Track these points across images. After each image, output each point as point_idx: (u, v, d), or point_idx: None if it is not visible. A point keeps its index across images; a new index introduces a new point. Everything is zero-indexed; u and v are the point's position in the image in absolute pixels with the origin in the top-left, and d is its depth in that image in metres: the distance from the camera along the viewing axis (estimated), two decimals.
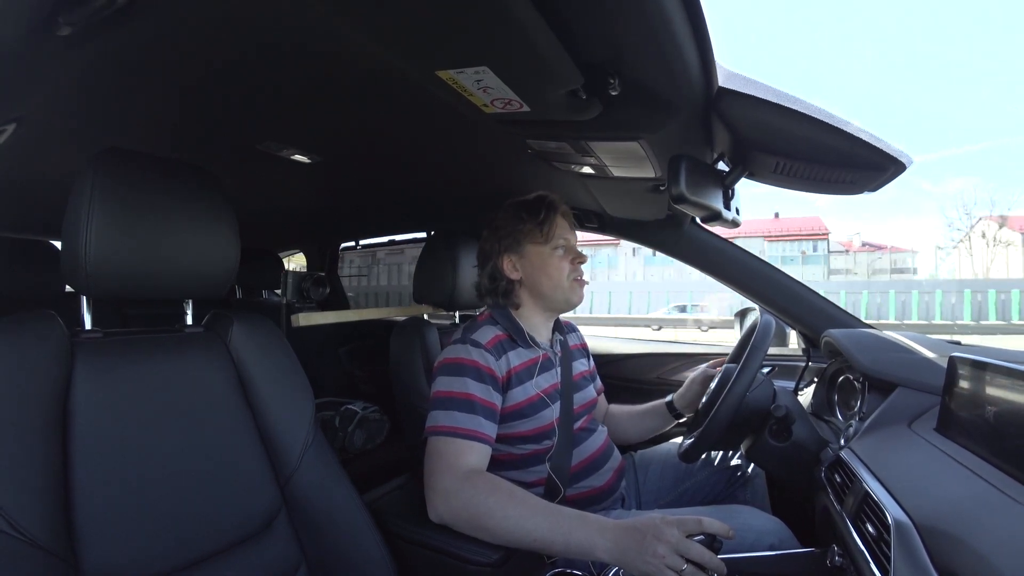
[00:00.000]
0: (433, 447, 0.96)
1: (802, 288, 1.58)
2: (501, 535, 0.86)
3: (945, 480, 0.70)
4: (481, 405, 1.00)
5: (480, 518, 0.86)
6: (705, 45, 0.68)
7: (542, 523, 0.83)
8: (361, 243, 2.70)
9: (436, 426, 0.98)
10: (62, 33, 0.61)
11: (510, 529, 0.85)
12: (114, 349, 0.76)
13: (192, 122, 1.03)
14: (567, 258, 1.16)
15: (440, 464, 0.93)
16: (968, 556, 0.56)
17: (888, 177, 0.86)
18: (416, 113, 0.97)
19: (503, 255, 1.17)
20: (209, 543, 0.75)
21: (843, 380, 1.25)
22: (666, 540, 0.74)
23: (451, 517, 0.89)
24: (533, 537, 0.83)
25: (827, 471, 0.94)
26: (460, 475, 0.91)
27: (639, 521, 0.79)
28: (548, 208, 1.16)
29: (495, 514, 0.85)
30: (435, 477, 0.92)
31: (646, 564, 0.74)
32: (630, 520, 0.81)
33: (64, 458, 0.66)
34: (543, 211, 1.15)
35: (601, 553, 0.78)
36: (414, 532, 0.96)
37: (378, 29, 0.66)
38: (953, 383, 0.80)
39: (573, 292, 1.16)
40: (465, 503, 0.88)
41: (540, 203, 1.16)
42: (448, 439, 0.95)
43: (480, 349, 1.05)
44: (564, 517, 0.84)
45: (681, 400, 1.33)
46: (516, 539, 0.85)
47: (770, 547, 0.92)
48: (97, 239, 0.70)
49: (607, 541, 0.78)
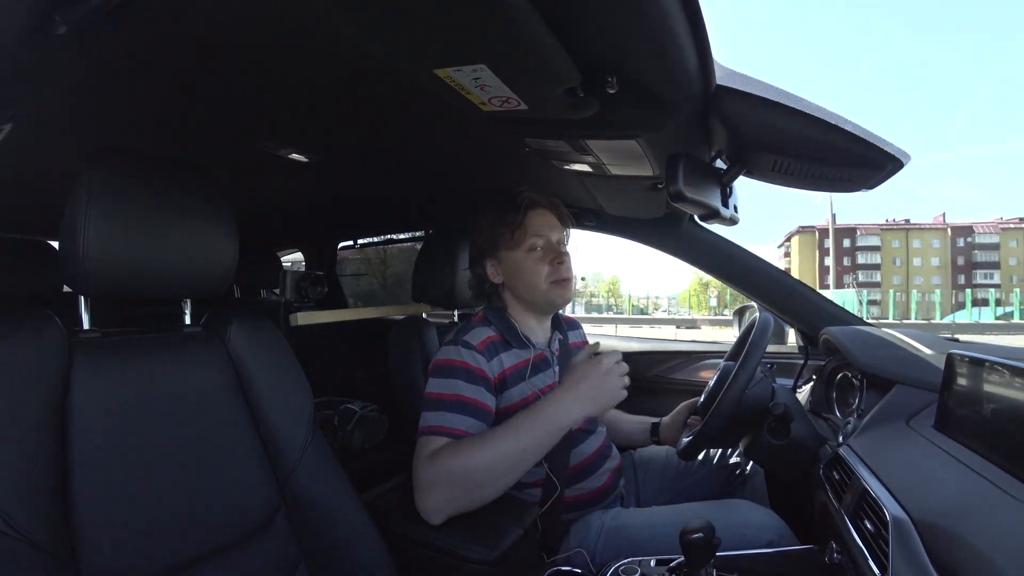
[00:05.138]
0: (418, 448, 0.97)
1: (800, 286, 1.58)
2: (493, 481, 0.88)
3: (943, 477, 0.70)
4: (472, 406, 0.99)
5: (465, 484, 0.88)
6: (703, 43, 0.68)
7: (512, 443, 0.89)
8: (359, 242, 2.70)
9: (424, 427, 0.98)
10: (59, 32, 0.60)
11: (495, 471, 0.88)
12: (112, 349, 0.76)
13: (190, 121, 1.02)
14: (545, 259, 1.12)
15: (417, 463, 0.94)
16: (966, 553, 0.56)
17: (886, 174, 0.86)
18: (414, 111, 0.97)
19: (484, 259, 1.17)
20: (208, 542, 0.75)
21: (841, 377, 1.25)
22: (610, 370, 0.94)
23: (443, 504, 0.89)
24: (518, 456, 0.89)
25: (825, 468, 0.94)
26: (426, 464, 0.91)
27: (574, 375, 0.95)
28: (520, 208, 1.12)
29: (474, 471, 0.88)
30: (414, 480, 0.93)
31: (610, 397, 0.93)
32: (567, 379, 0.96)
33: (63, 458, 0.66)
34: (511, 213, 1.12)
35: (572, 419, 0.92)
36: (413, 531, 0.96)
37: (376, 27, 0.65)
38: (951, 380, 0.80)
39: (553, 293, 1.13)
40: (445, 483, 0.89)
41: (511, 204, 1.13)
42: (431, 438, 0.95)
43: (471, 351, 1.05)
44: (525, 420, 0.91)
45: (667, 430, 1.32)
46: (506, 473, 0.89)
47: (768, 544, 0.93)
48: (95, 239, 0.70)
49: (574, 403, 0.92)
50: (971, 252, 45.44)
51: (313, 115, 1.01)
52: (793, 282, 1.58)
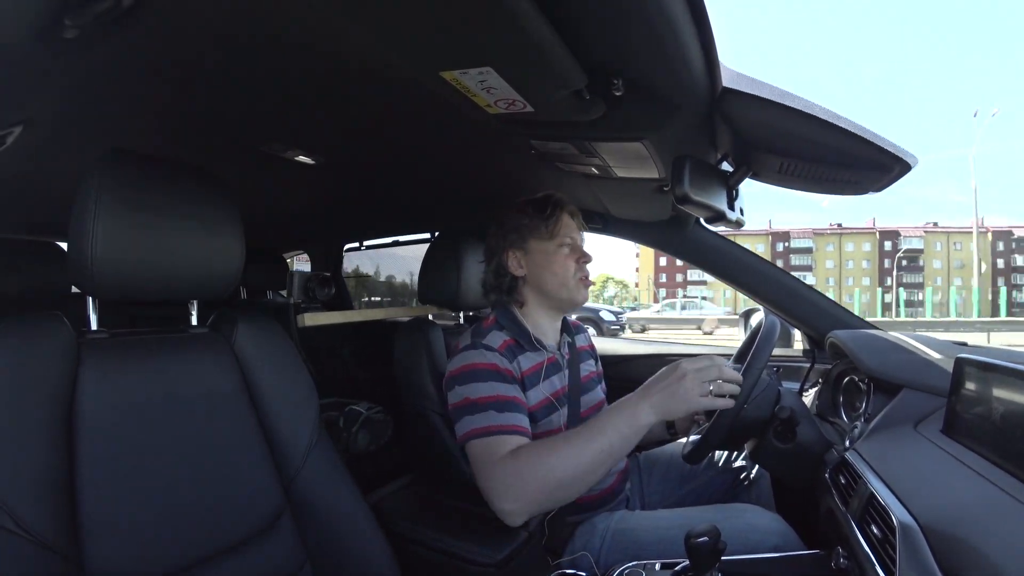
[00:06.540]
0: (475, 452, 0.95)
1: (807, 289, 1.57)
2: (575, 480, 0.87)
3: (951, 482, 0.70)
4: (515, 403, 0.99)
5: (548, 484, 0.86)
6: (709, 46, 0.68)
7: (591, 444, 0.87)
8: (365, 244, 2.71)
9: (472, 430, 0.96)
10: (68, 35, 0.61)
11: (576, 471, 0.86)
12: (120, 349, 0.76)
13: (197, 124, 1.03)
14: (573, 256, 1.15)
15: (486, 467, 0.92)
16: (974, 559, 0.55)
17: (893, 177, 0.86)
18: (420, 114, 0.97)
19: (508, 251, 1.17)
20: (213, 542, 0.75)
21: (848, 381, 1.24)
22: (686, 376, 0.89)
23: (526, 506, 0.88)
24: (595, 458, 0.87)
25: (832, 473, 0.94)
26: (501, 465, 0.90)
27: (654, 378, 0.92)
28: (554, 205, 1.16)
29: (553, 471, 0.86)
30: (487, 483, 0.90)
31: (684, 396, 0.88)
32: (647, 382, 0.93)
33: (70, 457, 0.67)
34: (549, 208, 1.15)
35: (647, 421, 0.89)
36: (418, 532, 0.96)
37: (382, 30, 0.66)
38: (960, 385, 0.79)
39: (578, 291, 1.15)
40: (527, 485, 0.87)
41: (547, 201, 1.17)
42: (486, 439, 0.94)
43: (494, 352, 1.05)
44: (602, 423, 0.89)
45: (681, 420, 1.30)
46: (587, 473, 0.87)
47: (774, 548, 0.92)
48: (103, 241, 0.70)
49: (647, 407, 0.89)
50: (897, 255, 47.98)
51: (319, 117, 1.01)
52: (799, 285, 1.57)
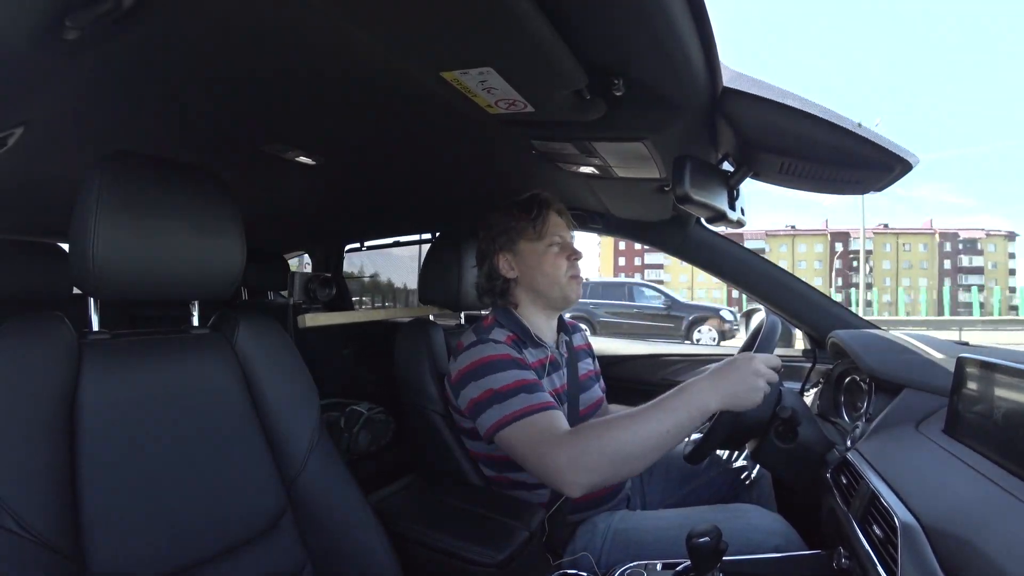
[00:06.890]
0: (518, 435, 0.93)
1: (808, 289, 1.57)
2: (641, 456, 0.86)
3: (953, 482, 0.69)
4: (538, 385, 1.00)
5: (616, 457, 0.85)
6: (710, 45, 0.68)
7: (658, 423, 0.86)
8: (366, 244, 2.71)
9: (507, 415, 0.95)
10: (69, 37, 0.61)
11: (644, 447, 0.85)
12: (121, 350, 0.76)
13: (198, 124, 1.03)
14: (563, 255, 1.16)
15: (542, 446, 0.90)
16: (976, 559, 0.55)
17: (895, 176, 0.85)
18: (420, 114, 0.97)
19: (498, 254, 1.17)
20: (215, 543, 0.75)
21: (849, 381, 1.24)
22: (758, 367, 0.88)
23: (594, 477, 0.86)
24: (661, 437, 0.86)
25: (833, 473, 0.94)
26: (566, 440, 0.89)
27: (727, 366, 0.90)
28: (541, 205, 1.16)
29: (623, 445, 0.85)
30: (547, 459, 0.89)
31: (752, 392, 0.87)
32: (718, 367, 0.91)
33: (72, 458, 0.67)
34: (535, 208, 1.16)
35: (715, 405, 0.87)
36: (419, 533, 0.96)
37: (383, 30, 0.66)
38: (961, 384, 0.79)
39: (570, 288, 1.16)
40: (593, 458, 0.86)
41: (532, 201, 1.17)
42: (529, 419, 0.93)
43: (503, 344, 1.05)
44: (670, 402, 0.88)
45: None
46: (653, 450, 0.86)
47: (775, 548, 0.92)
48: (104, 241, 0.70)
49: (715, 394, 0.87)
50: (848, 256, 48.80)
51: (320, 118, 1.01)
52: (800, 285, 1.57)
